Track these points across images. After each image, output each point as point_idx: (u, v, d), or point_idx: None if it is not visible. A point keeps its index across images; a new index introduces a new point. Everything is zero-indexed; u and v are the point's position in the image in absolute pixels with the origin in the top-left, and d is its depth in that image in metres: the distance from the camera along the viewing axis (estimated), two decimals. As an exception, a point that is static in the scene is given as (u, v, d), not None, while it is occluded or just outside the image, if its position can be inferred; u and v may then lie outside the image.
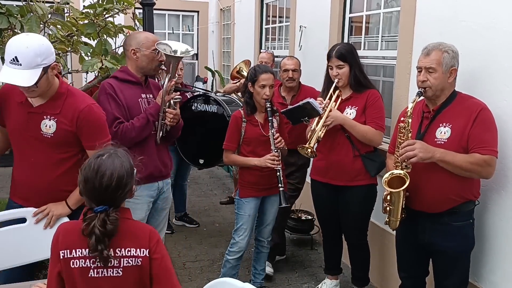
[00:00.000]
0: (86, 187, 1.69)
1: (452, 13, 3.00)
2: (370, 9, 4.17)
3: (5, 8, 3.00)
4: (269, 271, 3.91)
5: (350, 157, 3.19)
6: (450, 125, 2.51)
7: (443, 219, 2.56)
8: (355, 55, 3.22)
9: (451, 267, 2.62)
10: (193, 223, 5.13)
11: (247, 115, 3.29)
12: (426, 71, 2.52)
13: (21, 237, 2.42)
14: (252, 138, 3.28)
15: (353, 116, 3.18)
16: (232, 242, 3.41)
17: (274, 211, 3.47)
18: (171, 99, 2.90)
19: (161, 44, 2.85)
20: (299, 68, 4.03)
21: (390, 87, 3.91)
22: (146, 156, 2.51)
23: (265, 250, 3.58)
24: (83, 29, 3.33)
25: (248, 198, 3.33)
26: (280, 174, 3.14)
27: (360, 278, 3.54)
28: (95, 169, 1.68)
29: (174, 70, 2.87)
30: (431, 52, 2.51)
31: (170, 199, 3.28)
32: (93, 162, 1.70)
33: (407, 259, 2.85)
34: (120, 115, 2.83)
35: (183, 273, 4.01)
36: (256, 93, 3.22)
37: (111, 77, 2.98)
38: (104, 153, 1.74)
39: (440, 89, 2.54)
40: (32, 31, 2.79)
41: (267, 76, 3.20)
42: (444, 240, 2.57)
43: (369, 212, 3.36)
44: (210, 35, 9.24)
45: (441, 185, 2.52)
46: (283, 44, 6.18)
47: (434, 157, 2.40)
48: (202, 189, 6.46)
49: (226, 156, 3.36)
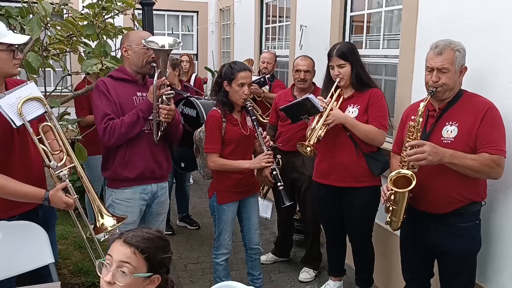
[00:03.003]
0: None
1: (455, 10, 2.97)
2: (371, 8, 4.14)
3: (4, 10, 2.98)
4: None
5: (353, 157, 3.15)
6: (457, 123, 2.47)
7: (449, 220, 2.52)
8: (356, 54, 3.18)
9: (457, 268, 2.58)
10: (193, 225, 5.10)
11: (225, 114, 3.12)
12: (439, 71, 2.46)
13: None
14: (234, 138, 3.11)
15: (355, 114, 3.14)
16: (217, 245, 3.29)
17: (257, 213, 3.39)
18: (162, 94, 2.82)
19: (149, 41, 2.79)
20: (313, 69, 3.92)
21: (392, 85, 3.89)
22: (137, 155, 2.48)
23: (258, 256, 3.45)
24: (83, 30, 3.30)
25: (228, 203, 3.20)
26: (277, 173, 3.05)
27: (364, 279, 3.51)
28: None
29: (164, 65, 2.81)
30: (444, 51, 2.45)
31: (167, 204, 3.22)
32: None
33: (411, 261, 2.81)
34: (110, 111, 2.80)
35: (184, 275, 3.99)
36: (234, 91, 3.06)
37: (107, 76, 2.97)
38: None
39: (451, 88, 2.50)
40: (33, 32, 2.76)
41: (246, 74, 3.07)
42: (449, 242, 2.53)
43: (373, 214, 3.33)
44: (210, 36, 9.21)
45: (447, 186, 2.48)
46: (283, 44, 6.15)
47: (443, 159, 2.35)
48: (203, 190, 6.42)
49: (212, 160, 3.09)
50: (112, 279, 1.54)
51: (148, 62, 2.88)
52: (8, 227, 2.36)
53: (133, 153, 2.50)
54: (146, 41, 2.77)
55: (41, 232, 2.40)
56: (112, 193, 2.96)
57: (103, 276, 1.57)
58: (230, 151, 3.12)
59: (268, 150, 3.07)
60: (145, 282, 1.59)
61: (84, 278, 3.76)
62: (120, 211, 2.90)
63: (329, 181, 3.28)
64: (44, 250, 2.38)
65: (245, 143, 3.15)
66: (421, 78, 3.27)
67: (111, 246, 1.62)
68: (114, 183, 2.94)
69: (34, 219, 2.48)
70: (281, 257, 4.29)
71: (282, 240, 4.30)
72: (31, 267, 2.40)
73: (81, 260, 4.07)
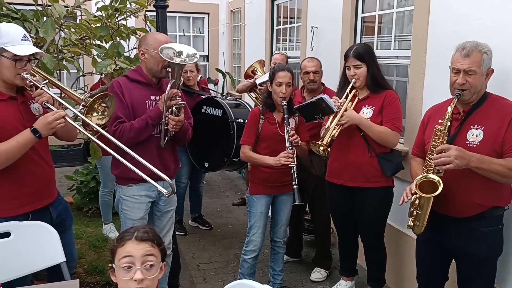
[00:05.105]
0: None
1: (467, 11, 2.97)
2: (383, 9, 4.14)
3: (20, 13, 3.03)
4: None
5: (366, 157, 3.16)
6: (482, 127, 2.42)
7: (471, 224, 2.47)
8: (372, 55, 3.19)
9: (476, 272, 2.52)
10: (205, 225, 5.13)
11: (264, 112, 3.30)
12: (466, 73, 2.40)
13: (6, 252, 2.35)
14: (268, 135, 3.28)
15: (369, 115, 3.15)
16: (247, 241, 3.42)
17: (288, 211, 3.47)
18: (173, 105, 2.85)
19: (165, 49, 2.78)
20: (320, 70, 3.96)
21: (403, 87, 3.89)
22: (145, 157, 2.52)
23: (281, 251, 3.58)
24: (97, 31, 3.35)
25: (259, 195, 3.35)
26: (294, 172, 3.09)
27: (376, 279, 3.51)
28: None
29: (178, 76, 2.83)
30: (471, 53, 2.39)
31: (174, 201, 3.25)
32: None
33: (427, 264, 2.76)
34: (122, 114, 2.84)
35: (197, 275, 4.02)
36: (274, 91, 3.24)
37: (123, 76, 3.00)
38: None
39: (478, 91, 2.44)
40: (48, 34, 2.82)
41: (284, 73, 3.20)
42: (470, 245, 2.47)
43: (385, 214, 3.33)
44: (221, 37, 9.25)
45: (470, 190, 2.43)
46: (294, 45, 6.17)
47: (470, 164, 2.30)
48: (214, 191, 6.47)
49: (243, 151, 3.34)
50: (143, 276, 1.63)
51: (164, 66, 2.91)
52: (20, 227, 2.41)
53: (140, 155, 2.53)
54: (162, 49, 2.76)
55: (52, 232, 2.43)
56: (120, 189, 3.05)
57: (128, 277, 1.64)
58: (265, 147, 3.29)
59: (291, 148, 3.11)
60: (159, 271, 1.73)
61: (98, 277, 3.81)
62: (127, 207, 3.01)
63: (341, 180, 3.29)
64: (56, 249, 2.41)
65: (280, 142, 3.20)
66: (433, 79, 3.29)
67: (121, 250, 1.68)
68: (122, 180, 3.01)
69: (48, 221, 2.53)
70: (292, 257, 4.31)
71: (293, 240, 4.31)
72: (43, 266, 2.45)
73: (95, 260, 4.13)
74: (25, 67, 2.40)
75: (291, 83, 3.23)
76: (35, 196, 2.54)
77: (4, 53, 2.34)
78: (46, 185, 2.63)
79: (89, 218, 5.19)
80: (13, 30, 2.40)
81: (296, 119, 3.35)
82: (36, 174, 2.53)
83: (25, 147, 2.36)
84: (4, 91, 2.43)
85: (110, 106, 2.57)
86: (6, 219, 2.42)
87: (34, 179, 2.52)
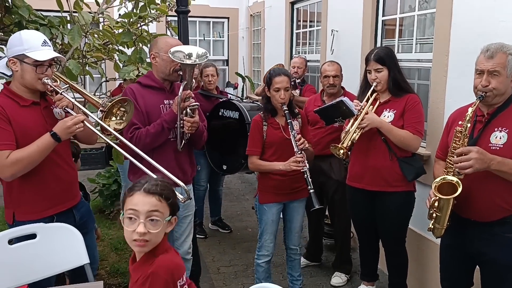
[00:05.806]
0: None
1: (490, 13, 2.94)
2: (404, 12, 4.12)
3: (47, 20, 3.10)
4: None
5: (387, 161, 3.13)
6: (506, 130, 2.37)
7: (493, 229, 2.42)
8: (394, 59, 3.17)
9: (500, 278, 2.46)
10: (225, 229, 5.15)
11: (266, 118, 3.24)
12: (489, 74, 2.35)
13: (32, 253, 2.40)
14: (274, 141, 3.22)
15: (390, 119, 3.12)
16: (259, 246, 3.38)
17: (300, 218, 3.41)
18: (187, 107, 2.86)
19: (175, 52, 2.80)
20: (340, 74, 3.95)
21: (425, 90, 3.85)
22: (162, 162, 2.54)
23: (297, 257, 3.52)
24: (119, 38, 3.41)
25: (269, 204, 3.27)
26: (308, 176, 3.04)
27: (398, 285, 3.46)
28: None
29: (190, 77, 2.84)
30: (495, 54, 2.34)
31: (193, 206, 3.24)
32: None
33: (452, 269, 2.71)
34: (137, 120, 2.85)
35: (217, 278, 4.04)
36: (272, 96, 3.19)
37: (135, 82, 3.02)
38: None
39: (502, 93, 2.40)
40: (74, 41, 2.88)
41: (281, 78, 3.14)
42: (494, 250, 2.42)
43: (407, 219, 3.29)
44: (241, 41, 9.29)
45: (493, 193, 2.38)
46: (314, 49, 6.16)
47: (490, 167, 2.26)
48: (234, 194, 6.49)
49: (251, 161, 3.27)
50: (145, 229, 1.64)
51: (175, 70, 2.92)
52: (45, 229, 2.45)
53: (158, 160, 2.54)
54: (172, 52, 2.79)
55: (77, 234, 2.47)
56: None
57: (132, 229, 1.65)
58: (272, 153, 3.22)
59: (301, 153, 3.06)
60: (167, 225, 1.73)
61: (120, 279, 3.86)
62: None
63: (362, 184, 3.27)
64: (80, 251, 2.46)
65: (287, 146, 3.15)
66: (456, 83, 3.26)
67: (129, 200, 1.69)
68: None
69: (72, 223, 2.57)
70: (312, 261, 4.30)
71: (312, 244, 4.30)
72: (68, 267, 2.51)
73: (117, 261, 4.19)
74: (46, 72, 2.44)
75: (289, 87, 3.17)
76: (59, 198, 2.58)
77: (25, 59, 2.39)
78: (69, 188, 2.67)
79: (110, 220, 5.27)
80: (33, 36, 2.45)
81: (299, 120, 3.29)
82: (59, 177, 2.57)
83: (46, 151, 2.40)
84: (27, 97, 2.48)
85: (128, 111, 2.60)
86: (32, 222, 2.46)
87: (57, 182, 2.56)
